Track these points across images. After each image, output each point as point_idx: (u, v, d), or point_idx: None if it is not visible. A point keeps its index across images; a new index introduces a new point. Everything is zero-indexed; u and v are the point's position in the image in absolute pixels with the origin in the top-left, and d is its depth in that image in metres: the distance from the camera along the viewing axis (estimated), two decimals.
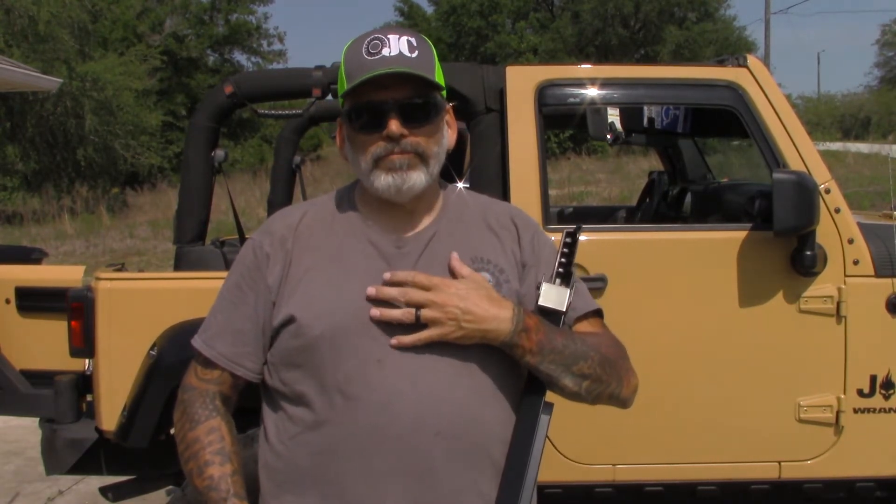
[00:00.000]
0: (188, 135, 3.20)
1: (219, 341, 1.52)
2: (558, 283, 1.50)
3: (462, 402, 1.42)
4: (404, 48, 1.45)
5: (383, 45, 1.44)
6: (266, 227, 1.57)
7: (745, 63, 3.07)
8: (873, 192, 14.01)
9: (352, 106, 1.48)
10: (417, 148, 1.46)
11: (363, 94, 1.45)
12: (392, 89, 1.44)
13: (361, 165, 1.48)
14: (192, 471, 1.46)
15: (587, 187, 18.13)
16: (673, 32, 32.16)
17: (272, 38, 34.83)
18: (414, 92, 1.45)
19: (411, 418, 1.39)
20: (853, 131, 31.34)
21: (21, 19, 19.53)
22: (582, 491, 3.01)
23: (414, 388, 1.39)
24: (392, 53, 1.44)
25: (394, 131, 1.43)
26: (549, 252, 1.61)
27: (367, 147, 1.47)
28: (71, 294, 2.95)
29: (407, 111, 1.45)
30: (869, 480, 3.03)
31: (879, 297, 2.97)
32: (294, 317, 1.44)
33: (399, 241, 1.50)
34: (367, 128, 1.46)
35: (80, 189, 21.26)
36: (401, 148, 1.45)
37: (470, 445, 1.42)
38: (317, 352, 1.43)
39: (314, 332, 1.43)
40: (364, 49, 1.45)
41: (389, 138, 1.44)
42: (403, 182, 1.45)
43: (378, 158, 1.45)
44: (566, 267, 1.50)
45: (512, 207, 1.67)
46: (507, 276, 1.52)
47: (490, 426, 1.45)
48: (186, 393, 1.54)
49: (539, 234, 1.62)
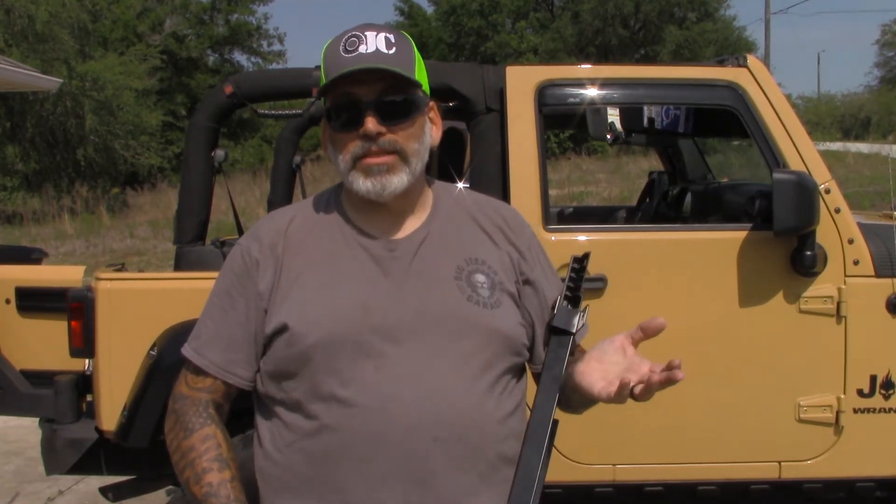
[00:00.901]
0: (188, 135, 3.20)
1: (209, 349, 1.50)
2: (567, 306, 1.51)
3: (460, 405, 1.41)
4: (381, 45, 1.43)
5: (360, 42, 1.42)
6: (254, 233, 1.54)
7: (745, 63, 3.07)
8: (873, 192, 14.01)
9: (329, 104, 1.46)
10: (396, 146, 1.43)
11: (340, 91, 1.43)
12: (369, 87, 1.42)
13: (341, 165, 1.46)
14: (189, 479, 1.44)
15: (587, 187, 18.13)
16: (673, 32, 32.16)
17: (272, 38, 34.91)
18: (392, 89, 1.43)
19: (409, 423, 1.37)
20: (853, 131, 31.35)
21: (21, 19, 19.53)
22: (582, 491, 3.02)
23: (411, 393, 1.38)
24: (368, 50, 1.42)
25: (370, 129, 1.41)
26: (543, 257, 1.61)
27: (346, 145, 1.44)
28: (71, 294, 2.95)
29: (384, 108, 1.42)
30: (869, 480, 3.03)
31: (879, 297, 2.97)
32: (287, 325, 1.42)
33: (390, 245, 1.48)
34: (346, 126, 1.44)
35: (80, 189, 21.26)
36: (378, 146, 1.42)
37: (468, 448, 1.41)
38: (311, 360, 1.41)
39: (308, 341, 1.41)
40: (341, 47, 1.43)
41: (367, 137, 1.42)
42: (384, 188, 1.43)
43: (357, 158, 1.44)
44: (574, 291, 1.51)
45: (505, 207, 1.65)
46: (500, 277, 1.51)
47: (488, 428, 1.43)
48: (178, 402, 1.51)
49: (533, 238, 1.62)
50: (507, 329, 1.49)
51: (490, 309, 1.47)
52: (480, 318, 1.45)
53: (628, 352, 1.41)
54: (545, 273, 1.59)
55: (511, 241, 1.56)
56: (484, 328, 1.45)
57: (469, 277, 1.48)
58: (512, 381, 1.50)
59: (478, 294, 1.47)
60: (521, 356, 1.54)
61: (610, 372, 1.39)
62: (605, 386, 1.36)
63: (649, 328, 1.42)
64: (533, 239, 1.61)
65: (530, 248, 1.58)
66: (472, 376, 1.43)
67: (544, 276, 1.59)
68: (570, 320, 1.50)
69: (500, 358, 1.47)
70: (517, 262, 1.55)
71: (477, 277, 1.49)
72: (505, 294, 1.50)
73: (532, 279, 1.56)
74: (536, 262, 1.58)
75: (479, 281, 1.49)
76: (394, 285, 1.45)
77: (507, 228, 1.57)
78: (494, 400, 1.45)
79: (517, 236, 1.58)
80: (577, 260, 1.52)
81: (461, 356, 1.43)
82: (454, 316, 1.44)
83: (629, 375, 1.34)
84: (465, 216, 1.56)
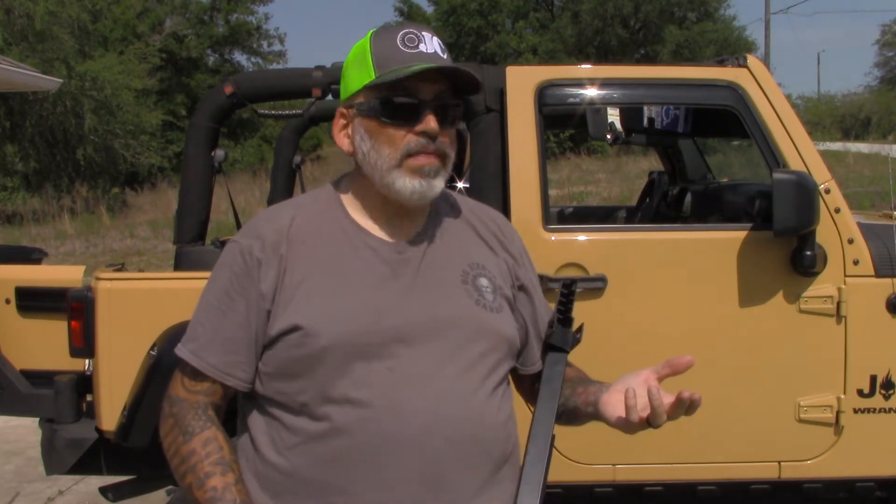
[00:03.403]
0: (188, 135, 3.21)
1: (208, 351, 1.45)
2: (560, 325, 1.55)
3: (470, 406, 1.41)
4: (437, 47, 1.42)
5: (419, 40, 1.41)
6: (253, 231, 1.48)
7: (745, 63, 3.07)
8: (873, 192, 14.00)
9: (384, 96, 1.41)
10: (446, 149, 1.43)
11: (402, 86, 1.40)
12: (429, 86, 1.40)
13: (383, 160, 1.41)
14: (192, 484, 1.40)
15: (587, 187, 18.13)
16: (673, 32, 32.15)
17: (272, 38, 34.87)
18: (446, 93, 1.42)
19: (422, 424, 1.37)
20: (853, 131, 31.35)
21: (20, 19, 19.52)
22: (582, 491, 3.02)
23: (424, 395, 1.38)
24: (429, 50, 1.41)
25: (433, 128, 1.39)
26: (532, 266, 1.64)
27: (395, 141, 1.40)
28: (71, 294, 2.95)
29: (443, 111, 1.41)
30: (869, 480, 3.03)
31: (879, 297, 2.97)
32: (298, 326, 1.39)
33: (398, 247, 1.47)
34: (400, 120, 1.40)
35: (80, 189, 21.25)
36: (435, 146, 1.41)
37: (478, 449, 1.42)
38: (322, 361, 1.38)
39: (321, 343, 1.38)
40: (399, 41, 1.41)
41: (425, 134, 1.40)
42: (430, 188, 1.42)
43: (410, 154, 1.41)
44: (565, 314, 1.55)
45: (497, 214, 1.65)
46: (499, 282, 1.52)
47: (494, 429, 1.45)
48: (175, 406, 1.48)
49: (523, 246, 1.64)
50: (510, 333, 1.50)
51: (495, 313, 1.48)
52: (488, 322, 1.46)
53: (652, 387, 1.43)
54: (534, 280, 1.63)
55: (506, 248, 1.58)
56: (491, 332, 1.47)
57: (474, 281, 1.49)
58: (506, 383, 1.52)
59: (483, 298, 1.48)
60: (516, 360, 1.57)
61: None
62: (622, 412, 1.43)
63: (677, 365, 1.43)
64: (523, 246, 1.64)
65: (521, 255, 1.61)
66: (480, 378, 1.44)
67: (534, 283, 1.62)
68: (564, 338, 1.54)
69: (503, 361, 1.49)
70: (512, 267, 1.57)
71: (481, 281, 1.49)
72: (503, 299, 1.52)
73: (525, 285, 1.59)
74: (528, 268, 1.61)
75: (483, 285, 1.49)
76: (404, 287, 1.44)
77: (501, 235, 1.59)
78: (498, 401, 1.46)
79: (510, 243, 1.59)
80: (565, 286, 1.55)
81: (471, 359, 1.43)
82: (465, 319, 1.44)
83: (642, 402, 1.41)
84: (462, 222, 1.57)
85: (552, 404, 1.47)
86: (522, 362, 1.60)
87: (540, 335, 1.59)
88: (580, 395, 1.54)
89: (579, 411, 1.54)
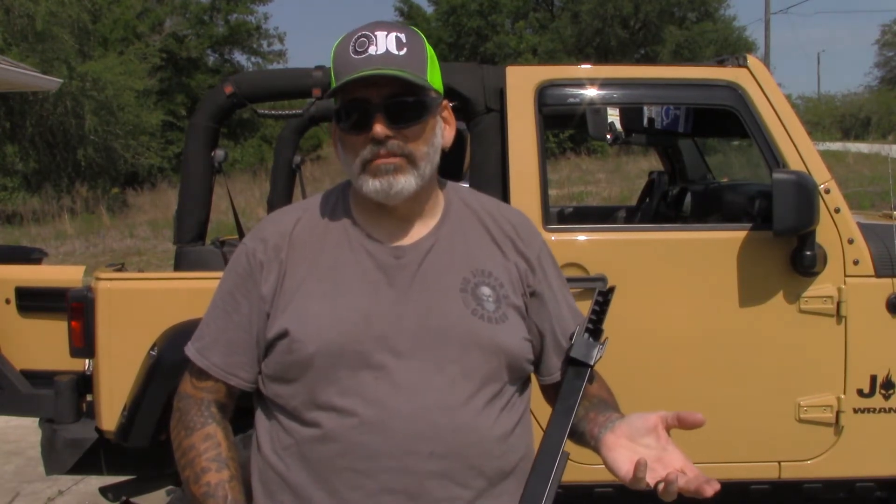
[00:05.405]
0: (188, 135, 3.20)
1: (212, 351, 1.48)
2: (588, 338, 1.48)
3: (458, 421, 1.38)
4: (392, 46, 1.39)
5: (370, 42, 1.39)
6: (259, 233, 1.51)
7: (745, 63, 3.07)
8: (873, 192, 14.01)
9: (339, 106, 1.44)
10: (404, 150, 1.40)
11: (349, 93, 1.41)
12: (378, 88, 1.39)
13: (351, 168, 1.43)
14: (189, 478, 1.43)
15: (587, 187, 18.14)
16: (673, 32, 32.15)
17: (272, 38, 34.86)
18: (402, 90, 1.39)
19: (406, 436, 1.36)
20: (853, 131, 31.37)
21: (21, 19, 19.53)
22: (582, 491, 3.01)
23: (410, 406, 1.36)
24: (378, 52, 1.38)
25: (378, 133, 1.38)
26: (553, 268, 1.57)
27: (356, 149, 1.41)
28: (71, 294, 2.95)
29: (394, 110, 1.39)
30: (869, 480, 3.04)
31: (879, 297, 2.97)
32: (287, 331, 1.40)
33: (397, 252, 1.45)
34: (355, 128, 1.41)
35: (80, 189, 21.25)
36: (387, 150, 1.39)
37: (465, 465, 1.39)
38: (311, 368, 1.39)
39: (308, 350, 1.38)
40: (351, 47, 1.40)
41: (375, 140, 1.38)
42: (391, 187, 1.40)
43: (366, 161, 1.41)
44: (597, 324, 1.48)
45: (516, 214, 1.60)
46: (506, 290, 1.48)
47: (486, 445, 1.41)
48: (182, 401, 1.51)
49: (544, 248, 1.58)
50: (511, 345, 1.45)
51: (495, 324, 1.44)
52: (484, 333, 1.42)
53: (661, 437, 1.39)
54: (554, 285, 1.56)
55: (520, 251, 1.52)
56: (487, 343, 1.42)
57: (475, 290, 1.45)
58: (514, 396, 1.48)
59: (483, 308, 1.44)
60: (525, 371, 1.51)
61: (639, 454, 1.36)
62: (630, 470, 1.35)
63: (686, 422, 1.39)
64: (544, 248, 1.57)
65: (540, 259, 1.54)
66: (471, 391, 1.40)
67: (553, 288, 1.55)
68: (588, 352, 1.47)
69: (502, 373, 1.44)
70: (524, 273, 1.51)
71: (483, 290, 1.45)
72: (511, 308, 1.47)
73: (539, 291, 1.52)
74: (545, 273, 1.55)
75: (485, 294, 1.45)
76: (398, 295, 1.42)
77: (516, 238, 1.54)
78: (494, 416, 1.42)
79: (527, 246, 1.53)
80: (601, 293, 1.49)
81: (462, 371, 1.40)
82: (457, 330, 1.41)
83: (656, 466, 1.34)
84: (475, 223, 1.53)
85: (565, 420, 1.42)
86: (541, 372, 1.56)
87: (560, 344, 1.53)
88: (591, 422, 1.48)
89: (585, 439, 1.48)
